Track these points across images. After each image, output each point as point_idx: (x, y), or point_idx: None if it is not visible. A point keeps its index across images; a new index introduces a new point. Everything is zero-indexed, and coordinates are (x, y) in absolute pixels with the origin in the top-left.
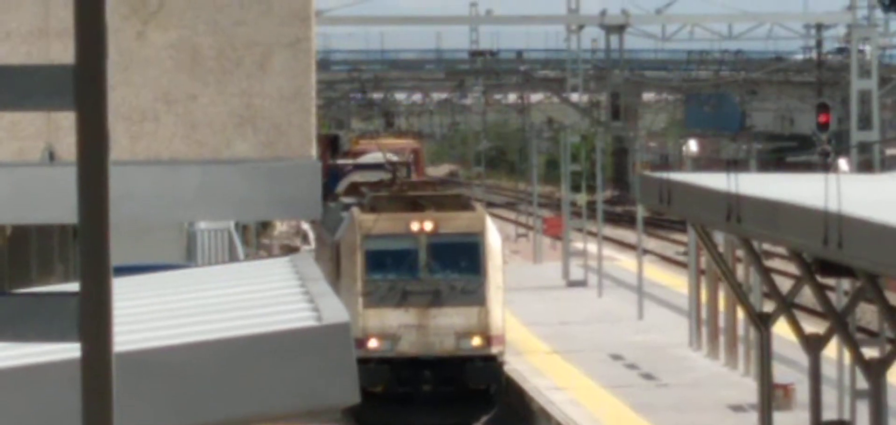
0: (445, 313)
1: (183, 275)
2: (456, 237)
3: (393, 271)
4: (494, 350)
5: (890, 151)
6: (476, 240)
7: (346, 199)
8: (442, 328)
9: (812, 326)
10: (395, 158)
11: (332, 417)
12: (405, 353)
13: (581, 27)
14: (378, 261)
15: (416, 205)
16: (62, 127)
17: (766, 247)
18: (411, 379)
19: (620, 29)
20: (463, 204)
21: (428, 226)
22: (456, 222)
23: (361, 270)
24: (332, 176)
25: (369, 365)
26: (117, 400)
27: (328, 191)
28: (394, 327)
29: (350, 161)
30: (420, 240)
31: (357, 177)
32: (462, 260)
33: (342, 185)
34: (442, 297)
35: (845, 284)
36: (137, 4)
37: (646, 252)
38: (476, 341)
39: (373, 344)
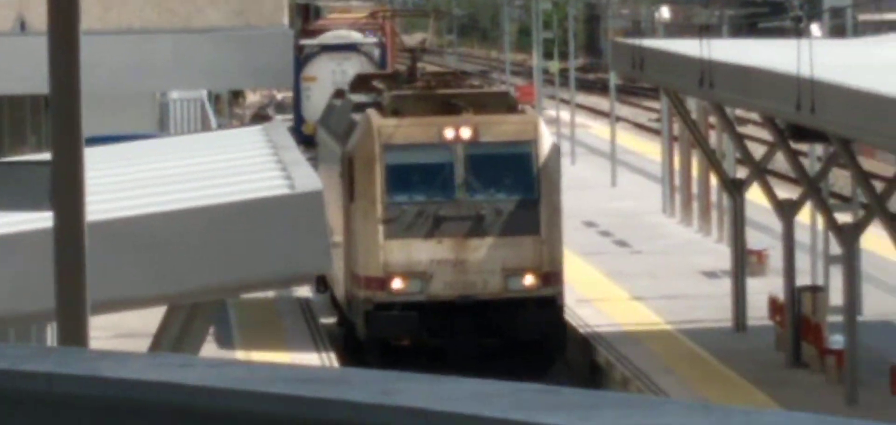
0: (490, 245)
1: (155, 145)
2: (502, 147)
3: (422, 191)
4: (552, 290)
5: (862, 16)
6: (527, 151)
7: (356, 97)
8: (485, 264)
9: (785, 192)
10: (362, 38)
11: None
12: (438, 296)
13: None
14: (403, 178)
15: (449, 107)
16: None
17: (739, 113)
18: (446, 330)
19: None
20: (509, 104)
21: (465, 133)
22: (501, 127)
23: (382, 190)
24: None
25: (393, 311)
26: (90, 270)
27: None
28: (424, 263)
29: (314, 41)
30: (456, 150)
31: (325, 60)
32: (510, 176)
33: (311, 72)
34: (485, 225)
35: (818, 150)
36: None
37: (618, 119)
38: (529, 280)
39: (397, 284)
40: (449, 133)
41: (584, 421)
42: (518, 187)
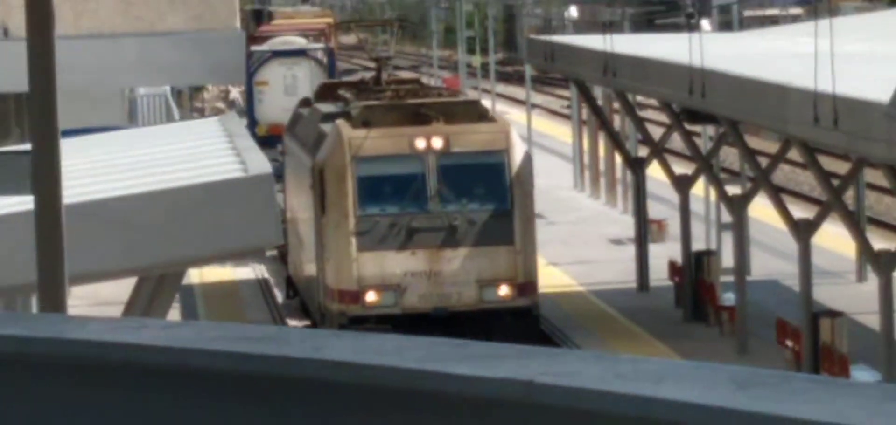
0: (464, 255)
1: (125, 135)
2: (474, 156)
3: (394, 203)
4: (528, 301)
5: (747, 12)
6: (500, 160)
7: (324, 106)
8: (459, 275)
9: (681, 168)
10: (309, 43)
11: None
12: (413, 309)
13: None
14: (374, 189)
15: (419, 116)
16: (14, 6)
17: (640, 98)
18: None
19: None
20: (480, 113)
21: (437, 142)
22: (473, 137)
23: (353, 203)
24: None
25: (366, 324)
26: (68, 247)
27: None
28: (397, 275)
29: (264, 48)
30: (428, 160)
31: (274, 72)
32: (482, 186)
33: (263, 76)
34: (458, 235)
35: (710, 130)
36: None
37: (534, 106)
38: (504, 290)
39: (370, 297)
40: (420, 143)
41: (488, 370)
42: (491, 197)
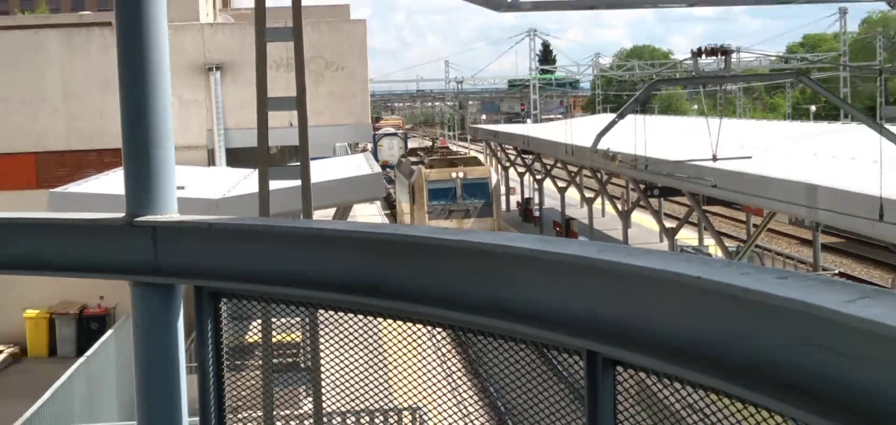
0: (471, 223)
1: (329, 160)
2: (476, 180)
3: (443, 200)
4: None
5: (543, 116)
6: (486, 181)
7: (411, 159)
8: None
9: (520, 170)
10: (395, 130)
11: (376, 200)
12: None
13: (449, 82)
14: (435, 194)
15: (453, 163)
16: (291, 113)
17: (508, 147)
18: None
19: (460, 84)
20: (477, 163)
21: (460, 175)
22: (475, 172)
23: (426, 199)
24: (373, 138)
25: None
26: (314, 195)
27: (374, 143)
28: None
29: (380, 131)
30: (457, 182)
31: (385, 140)
32: (479, 192)
33: (380, 143)
34: (469, 214)
35: (531, 157)
36: (316, 73)
37: (470, 150)
38: None
39: None
40: (454, 174)
41: (471, 239)
42: (483, 197)
